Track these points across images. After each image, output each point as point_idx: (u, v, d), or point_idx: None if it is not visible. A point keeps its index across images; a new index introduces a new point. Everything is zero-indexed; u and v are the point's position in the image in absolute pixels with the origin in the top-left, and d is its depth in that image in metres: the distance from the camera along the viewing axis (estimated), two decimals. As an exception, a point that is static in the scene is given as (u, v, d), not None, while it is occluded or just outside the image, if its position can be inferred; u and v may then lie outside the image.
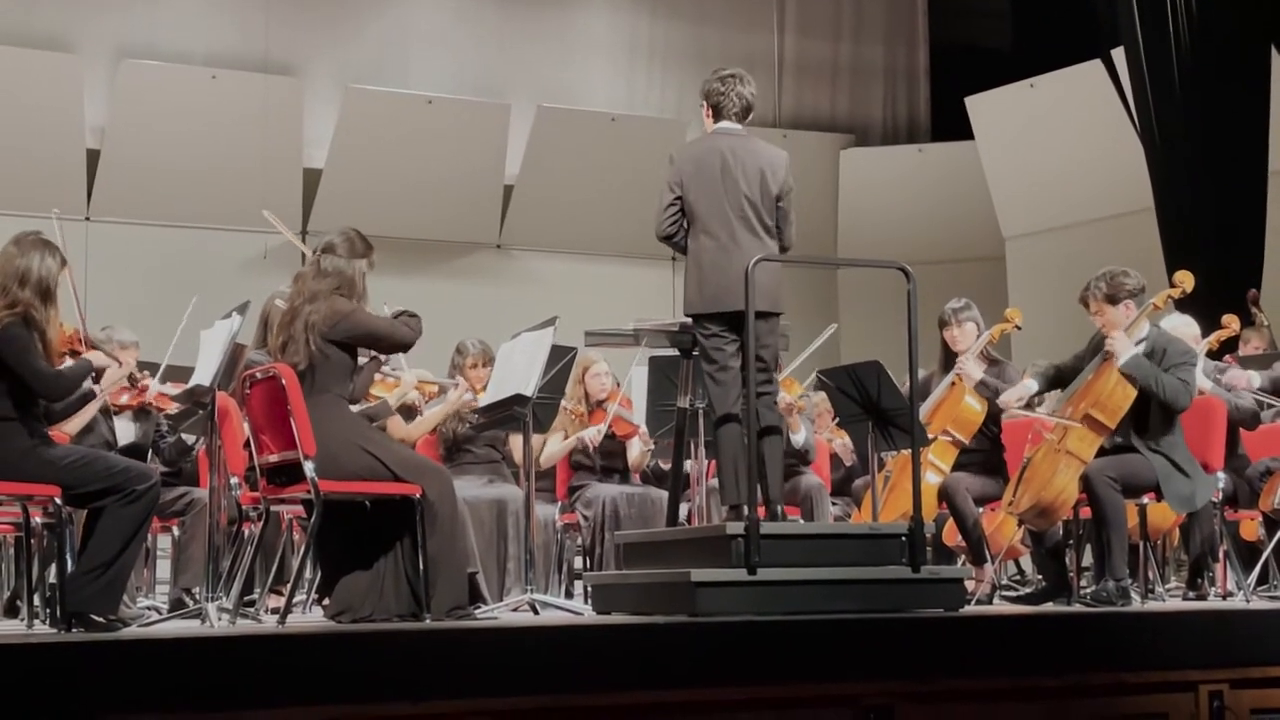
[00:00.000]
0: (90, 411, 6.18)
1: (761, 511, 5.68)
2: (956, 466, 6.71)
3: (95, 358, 5.16)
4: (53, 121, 11.26)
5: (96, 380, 5.28)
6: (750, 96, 5.65)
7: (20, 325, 4.89)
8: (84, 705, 3.81)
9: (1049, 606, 6.12)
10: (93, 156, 11.53)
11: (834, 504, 7.93)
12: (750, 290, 5.12)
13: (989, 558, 6.64)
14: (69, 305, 5.16)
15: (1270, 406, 7.07)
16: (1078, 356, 6.27)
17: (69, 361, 5.13)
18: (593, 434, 7.51)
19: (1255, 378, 6.95)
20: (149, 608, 6.59)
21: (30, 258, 4.97)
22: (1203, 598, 6.79)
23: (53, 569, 5.43)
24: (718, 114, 5.66)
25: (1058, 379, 6.32)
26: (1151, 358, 6.00)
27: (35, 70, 11.19)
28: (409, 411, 7.17)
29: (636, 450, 7.69)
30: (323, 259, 5.47)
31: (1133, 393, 5.96)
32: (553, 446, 7.60)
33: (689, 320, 5.68)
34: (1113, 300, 6.10)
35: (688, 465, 6.09)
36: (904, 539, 5.16)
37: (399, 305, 5.74)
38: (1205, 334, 7.18)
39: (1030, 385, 6.28)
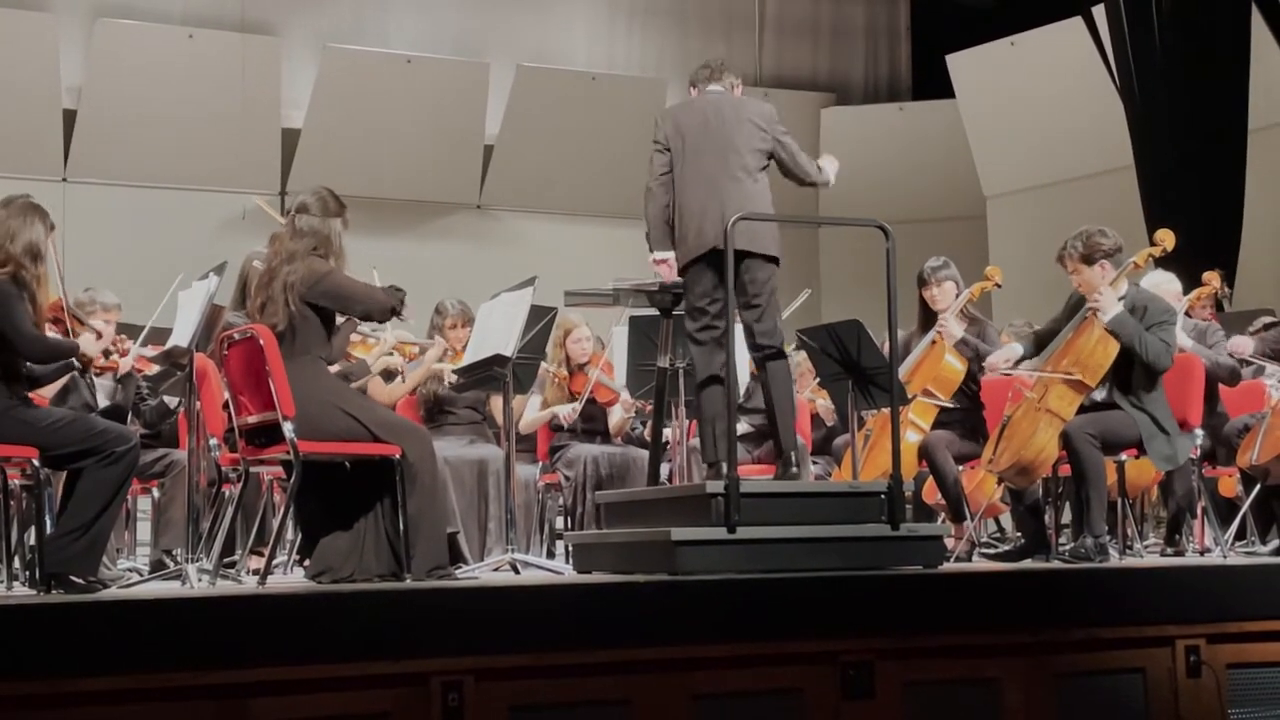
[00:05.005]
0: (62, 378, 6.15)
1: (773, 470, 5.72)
2: (936, 425, 6.72)
3: (85, 344, 5.11)
4: (28, 82, 11.15)
5: (83, 370, 5.24)
6: (729, 82, 5.79)
7: (9, 283, 4.88)
8: (64, 667, 3.81)
9: (1028, 563, 6.15)
10: (69, 117, 11.43)
11: (815, 463, 7.94)
12: (730, 242, 5.15)
13: (968, 515, 6.67)
14: (52, 273, 5.12)
15: (1271, 374, 7.06)
16: (1055, 320, 6.29)
17: (50, 330, 5.10)
18: (567, 411, 7.49)
19: (1250, 343, 6.95)
20: (129, 569, 6.59)
21: (21, 219, 4.97)
22: (1180, 554, 6.83)
23: (32, 531, 5.42)
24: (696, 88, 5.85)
25: (1040, 346, 6.32)
26: (1132, 315, 6.01)
27: (9, 30, 11.07)
28: (390, 374, 7.15)
29: (618, 416, 7.68)
30: (297, 219, 5.43)
31: (1114, 350, 5.97)
32: (530, 415, 7.58)
33: (670, 280, 5.68)
34: (1088, 260, 6.10)
35: (667, 429, 6.09)
36: (884, 497, 5.18)
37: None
38: (1185, 291, 7.19)
39: (1016, 349, 6.28)
